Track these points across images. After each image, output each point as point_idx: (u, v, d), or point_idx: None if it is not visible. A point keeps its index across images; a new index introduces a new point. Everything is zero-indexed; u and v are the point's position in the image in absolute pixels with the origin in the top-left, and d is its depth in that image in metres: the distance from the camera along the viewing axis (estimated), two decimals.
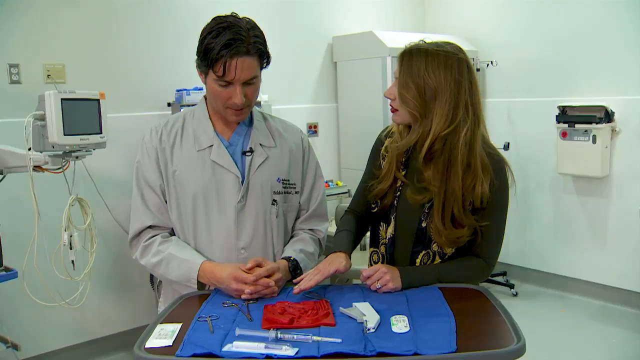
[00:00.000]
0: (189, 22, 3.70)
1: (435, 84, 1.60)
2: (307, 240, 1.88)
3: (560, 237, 4.49)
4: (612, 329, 3.87)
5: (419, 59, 1.62)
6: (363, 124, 4.38)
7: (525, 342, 1.27)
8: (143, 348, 1.29)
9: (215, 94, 1.69)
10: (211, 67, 1.64)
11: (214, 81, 1.66)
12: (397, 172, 1.73)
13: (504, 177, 1.68)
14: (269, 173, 1.80)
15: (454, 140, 1.62)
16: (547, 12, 4.38)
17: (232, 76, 1.63)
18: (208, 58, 1.63)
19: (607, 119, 4.00)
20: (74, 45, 3.36)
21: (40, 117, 2.46)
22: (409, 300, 1.54)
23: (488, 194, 1.63)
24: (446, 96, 1.60)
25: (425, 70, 1.60)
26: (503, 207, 1.71)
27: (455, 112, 1.61)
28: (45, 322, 3.28)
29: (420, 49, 1.64)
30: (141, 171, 1.80)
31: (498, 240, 1.74)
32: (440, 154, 1.64)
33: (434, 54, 1.62)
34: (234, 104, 1.68)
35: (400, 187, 1.73)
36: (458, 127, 1.61)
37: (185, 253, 1.73)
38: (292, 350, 1.24)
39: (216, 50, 1.60)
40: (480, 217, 1.66)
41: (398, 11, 5.03)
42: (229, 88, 1.66)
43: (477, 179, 1.62)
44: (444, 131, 1.61)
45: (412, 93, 1.61)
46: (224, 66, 1.62)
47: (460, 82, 1.62)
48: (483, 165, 1.63)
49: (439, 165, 1.64)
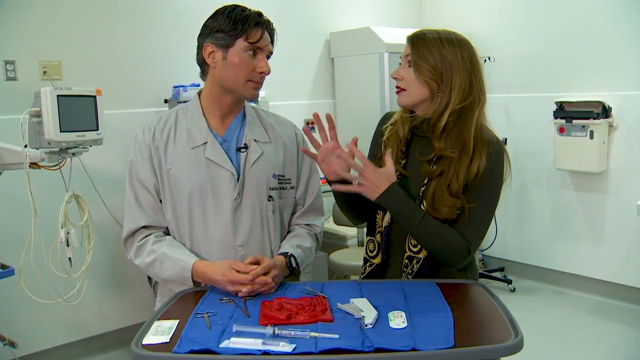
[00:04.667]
0: (185, 18, 3.70)
1: (452, 58, 1.64)
2: (304, 236, 1.87)
3: (558, 232, 4.50)
4: (610, 324, 3.88)
5: (433, 38, 1.66)
6: (360, 120, 4.37)
7: (522, 337, 1.27)
8: (140, 345, 1.28)
9: (240, 65, 1.70)
10: (244, 35, 1.68)
11: (242, 50, 1.69)
12: (396, 163, 1.72)
13: (500, 163, 1.67)
14: (265, 169, 1.80)
15: (467, 114, 1.64)
16: (545, 8, 4.38)
17: (266, 42, 1.72)
18: (243, 25, 1.67)
19: (604, 115, 4.00)
20: (70, 42, 3.35)
21: (36, 113, 2.45)
22: (406, 296, 1.53)
23: (484, 165, 1.63)
24: (463, 70, 1.64)
25: (441, 45, 1.64)
26: (494, 191, 1.68)
27: (470, 88, 1.65)
28: (42, 320, 3.28)
29: (430, 31, 1.69)
30: (134, 170, 1.78)
31: (482, 225, 1.69)
32: (452, 127, 1.65)
33: (446, 35, 1.67)
34: (260, 75, 1.73)
35: (399, 176, 1.73)
36: (473, 102, 1.65)
37: (179, 252, 1.72)
38: (289, 346, 1.23)
39: (253, 18, 1.69)
40: (469, 196, 1.64)
41: (395, 7, 5.03)
42: (255, 58, 1.71)
43: (476, 153, 1.63)
44: (460, 104, 1.63)
45: (431, 63, 1.64)
46: (261, 32, 1.69)
47: (473, 61, 1.66)
48: (482, 141, 1.65)
49: (450, 137, 1.65)
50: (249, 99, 1.80)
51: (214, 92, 1.78)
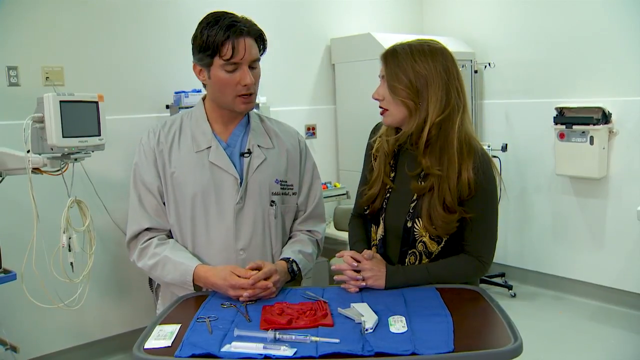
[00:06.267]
0: (187, 24, 3.66)
1: (425, 72, 1.63)
2: (305, 242, 1.88)
3: (558, 238, 4.50)
4: (609, 329, 3.87)
5: (405, 54, 1.65)
6: (361, 126, 4.33)
7: (522, 342, 1.28)
8: (142, 349, 1.30)
9: (223, 82, 1.70)
10: (217, 53, 1.66)
11: (221, 68, 1.68)
12: (385, 177, 1.74)
13: (489, 173, 1.68)
14: (267, 174, 1.81)
15: (448, 126, 1.64)
16: (545, 14, 4.39)
17: (242, 55, 1.66)
18: (213, 44, 1.65)
19: (604, 120, 4.01)
20: (72, 48, 3.37)
21: (39, 119, 2.46)
22: (406, 301, 1.54)
23: (473, 178, 1.63)
24: (438, 82, 1.63)
25: (413, 61, 1.63)
26: (490, 202, 1.70)
27: (448, 98, 1.64)
28: (44, 324, 3.29)
29: (402, 45, 1.68)
30: (139, 173, 1.80)
31: (488, 236, 1.72)
32: (435, 140, 1.66)
33: (418, 47, 1.65)
34: (245, 87, 1.69)
35: (389, 189, 1.75)
36: (452, 113, 1.64)
37: (181, 256, 1.73)
38: (290, 350, 1.24)
39: (221, 34, 1.64)
40: (467, 208, 1.66)
41: (396, 13, 5.04)
42: (236, 72, 1.68)
43: (463, 162, 1.64)
44: (439, 117, 1.63)
45: (404, 83, 1.64)
46: (232, 46, 1.64)
47: (448, 68, 1.65)
48: (468, 149, 1.65)
49: (435, 151, 1.66)
50: (242, 113, 1.81)
51: (214, 104, 1.80)
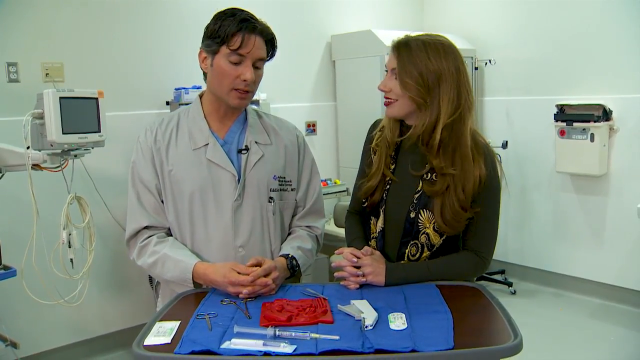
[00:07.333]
0: (187, 20, 3.71)
1: (437, 69, 1.60)
2: (304, 237, 1.88)
3: (558, 235, 4.50)
4: (610, 327, 3.87)
5: (418, 48, 1.62)
6: (361, 123, 4.33)
7: (522, 339, 1.27)
8: (142, 345, 1.29)
9: (224, 72, 1.69)
10: (225, 42, 1.65)
11: (225, 57, 1.67)
12: (385, 169, 1.74)
13: (495, 168, 1.68)
14: (265, 171, 1.80)
15: (459, 127, 1.63)
16: (545, 11, 4.38)
17: (249, 49, 1.66)
18: (224, 33, 1.64)
19: (605, 118, 4.01)
20: (72, 44, 3.36)
21: (38, 115, 2.45)
22: (406, 298, 1.54)
23: (485, 173, 1.63)
24: (449, 81, 1.61)
25: (426, 56, 1.61)
26: (495, 197, 1.70)
27: (459, 99, 1.62)
28: (44, 321, 3.29)
29: (416, 38, 1.65)
30: (136, 171, 1.80)
31: (490, 233, 1.72)
32: (448, 141, 1.63)
33: (431, 43, 1.63)
34: (244, 82, 1.68)
35: (389, 181, 1.74)
36: (463, 112, 1.63)
37: (180, 253, 1.73)
38: (290, 347, 1.24)
39: (234, 25, 1.64)
40: (474, 204, 1.65)
41: (396, 10, 5.03)
42: (239, 66, 1.67)
43: (476, 163, 1.63)
44: (451, 117, 1.61)
45: (415, 78, 1.61)
46: (242, 38, 1.64)
47: (459, 67, 1.63)
48: (478, 149, 1.65)
49: (448, 152, 1.64)
50: (235, 108, 1.79)
51: (212, 97, 1.79)
